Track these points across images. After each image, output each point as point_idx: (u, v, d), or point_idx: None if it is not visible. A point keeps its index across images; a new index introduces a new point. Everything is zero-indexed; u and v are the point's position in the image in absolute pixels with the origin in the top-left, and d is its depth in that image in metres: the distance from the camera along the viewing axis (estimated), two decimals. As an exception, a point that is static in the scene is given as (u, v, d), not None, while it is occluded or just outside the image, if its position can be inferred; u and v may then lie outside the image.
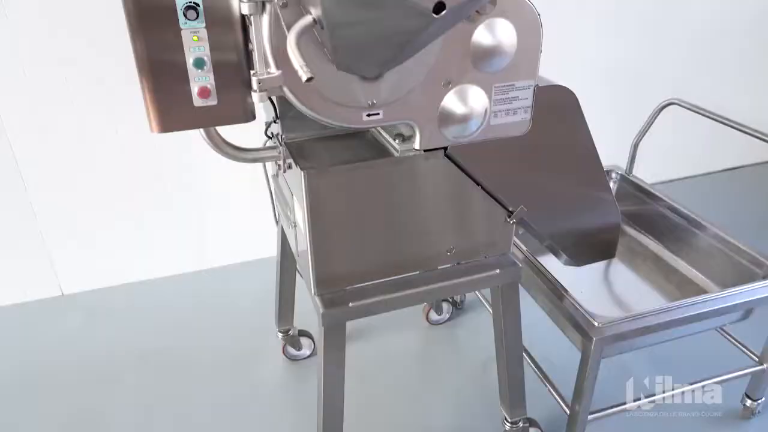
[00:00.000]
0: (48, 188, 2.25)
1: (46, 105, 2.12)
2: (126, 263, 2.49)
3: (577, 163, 1.42)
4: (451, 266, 1.38)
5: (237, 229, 2.58)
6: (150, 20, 1.02)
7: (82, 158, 2.24)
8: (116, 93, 2.18)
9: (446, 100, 1.16)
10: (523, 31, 1.13)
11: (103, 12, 2.04)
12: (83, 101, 2.16)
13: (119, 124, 2.23)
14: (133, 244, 2.46)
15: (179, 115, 1.12)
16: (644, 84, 2.95)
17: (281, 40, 0.99)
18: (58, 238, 2.35)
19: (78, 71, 2.11)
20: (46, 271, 2.39)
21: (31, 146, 2.17)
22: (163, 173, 2.37)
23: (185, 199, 2.44)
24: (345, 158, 1.21)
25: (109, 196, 2.34)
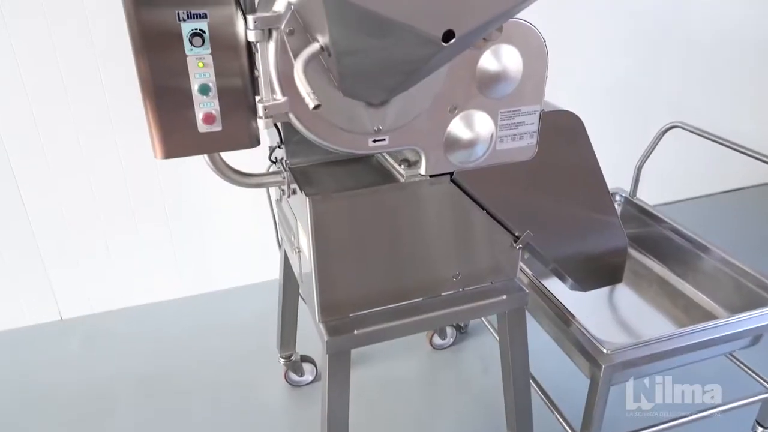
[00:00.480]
0: (48, 212, 2.24)
1: (48, 127, 2.12)
2: (126, 287, 2.47)
3: (584, 188, 1.41)
4: (456, 292, 1.36)
5: (238, 252, 2.57)
6: (155, 46, 1.02)
7: (82, 183, 2.24)
8: (119, 121, 2.18)
9: (452, 125, 1.15)
10: (529, 57, 1.13)
11: (108, 33, 2.05)
12: (85, 127, 2.16)
13: (121, 149, 2.23)
14: (133, 268, 2.44)
15: (183, 141, 1.11)
16: (645, 106, 2.96)
17: (287, 67, 0.99)
18: (57, 262, 2.33)
19: (81, 96, 2.11)
20: (45, 295, 2.37)
21: (32, 170, 2.16)
22: (163, 196, 2.36)
23: (185, 222, 2.43)
24: (350, 184, 1.20)
25: (109, 219, 2.33)
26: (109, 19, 2.01)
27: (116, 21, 1.81)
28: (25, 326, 2.40)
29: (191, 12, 1.03)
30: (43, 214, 2.24)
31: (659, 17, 2.77)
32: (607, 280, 1.61)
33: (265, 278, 2.62)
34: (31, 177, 2.17)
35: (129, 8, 0.98)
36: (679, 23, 2.82)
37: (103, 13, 2.01)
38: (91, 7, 2.00)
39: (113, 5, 1.24)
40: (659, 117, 2.85)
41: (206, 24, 1.04)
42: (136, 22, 0.99)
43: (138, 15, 0.99)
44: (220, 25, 1.04)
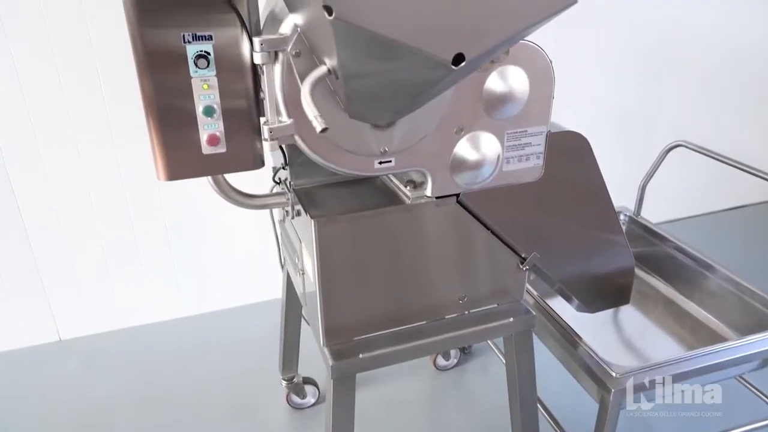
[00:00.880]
0: (48, 231, 2.22)
1: (48, 145, 2.11)
2: (125, 307, 2.45)
3: (590, 208, 1.40)
4: (463, 315, 1.34)
5: (239, 271, 2.55)
6: (160, 67, 1.02)
7: (83, 202, 2.22)
8: (121, 140, 2.17)
9: (459, 147, 1.14)
10: (535, 78, 1.13)
11: (111, 46, 2.05)
12: (86, 146, 2.15)
13: (122, 166, 2.22)
14: (133, 288, 2.42)
15: (187, 163, 1.10)
16: (647, 125, 2.96)
17: (293, 89, 0.98)
18: (56, 282, 2.31)
19: (82, 113, 2.11)
20: (44, 315, 2.34)
21: (32, 189, 2.15)
22: (164, 215, 2.34)
23: (186, 240, 2.41)
24: (355, 206, 1.19)
25: (109, 238, 2.31)
26: (113, 32, 2.01)
27: (120, 36, 1.81)
28: (24, 347, 2.37)
29: (196, 34, 1.02)
30: (43, 233, 2.22)
31: (661, 38, 2.79)
32: (614, 302, 1.59)
33: (266, 298, 2.59)
34: (30, 196, 2.16)
35: (134, 29, 0.98)
36: (681, 43, 2.84)
37: (107, 26, 2.01)
38: (95, 20, 2.00)
39: (118, 20, 1.24)
40: (661, 135, 2.86)
41: (211, 46, 1.03)
42: (141, 43, 0.99)
43: (143, 36, 0.98)
44: (225, 47, 1.03)
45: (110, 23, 1.99)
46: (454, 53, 0.73)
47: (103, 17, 1.99)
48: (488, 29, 0.74)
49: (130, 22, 0.98)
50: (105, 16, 1.99)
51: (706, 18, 2.81)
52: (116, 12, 1.78)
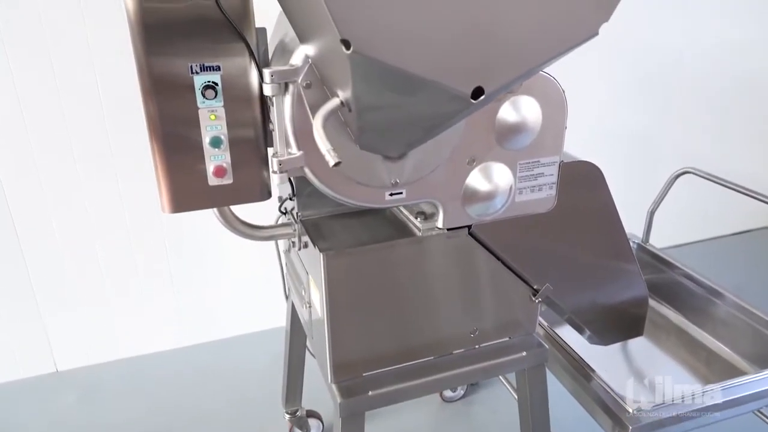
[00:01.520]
0: (46, 257, 2.18)
1: (48, 170, 2.09)
2: (125, 337, 2.39)
3: (603, 238, 1.37)
4: (474, 349, 1.30)
5: (241, 299, 2.50)
6: (166, 97, 1.00)
7: (82, 229, 2.19)
8: (122, 166, 2.15)
9: (471, 178, 1.12)
10: (548, 108, 1.11)
11: (116, 78, 2.04)
12: (87, 173, 2.13)
13: (123, 191, 2.19)
14: (133, 317, 2.37)
15: (193, 196, 1.08)
16: (652, 151, 2.96)
17: (304, 121, 0.96)
18: (54, 311, 2.26)
19: (82, 137, 2.09)
20: (40, 345, 2.29)
21: (30, 215, 2.12)
22: (165, 242, 2.31)
23: (187, 268, 2.38)
24: (365, 238, 1.16)
25: (108, 266, 2.27)
26: (117, 57, 2.00)
27: (125, 61, 1.80)
28: (19, 379, 2.31)
29: (204, 64, 1.01)
30: (40, 260, 2.18)
31: (665, 63, 2.79)
32: (628, 334, 1.55)
33: (268, 326, 2.55)
34: (28, 221, 2.12)
35: (140, 57, 0.96)
36: (685, 68, 2.84)
37: (111, 50, 2.00)
38: (99, 43, 1.99)
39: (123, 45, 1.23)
40: (666, 161, 2.85)
41: (219, 76, 1.02)
42: (147, 72, 0.97)
43: (149, 65, 0.96)
44: (233, 77, 1.02)
45: (115, 48, 1.98)
46: (474, 87, 0.71)
47: (107, 41, 1.98)
48: (508, 63, 0.72)
49: (137, 50, 0.96)
50: (109, 39, 1.98)
51: (710, 43, 2.82)
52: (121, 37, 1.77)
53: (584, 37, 0.74)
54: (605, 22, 0.74)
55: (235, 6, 0.97)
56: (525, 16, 0.70)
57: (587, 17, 0.73)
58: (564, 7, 0.71)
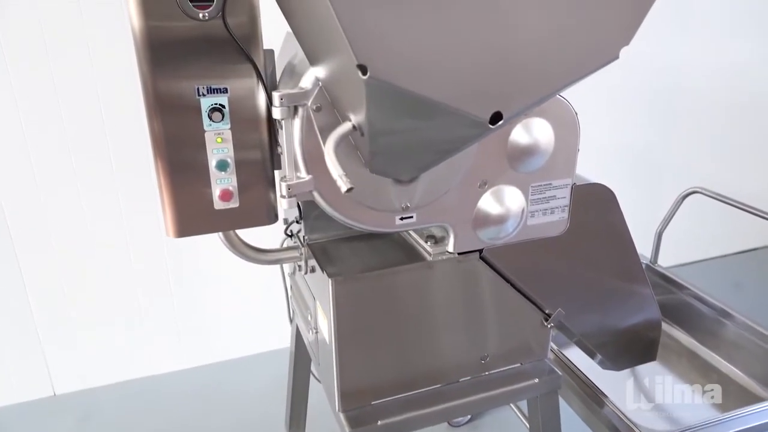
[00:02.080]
0: (45, 280, 2.15)
1: (49, 195, 2.06)
2: (124, 359, 2.35)
3: (616, 261, 1.34)
4: (485, 376, 1.27)
5: (243, 319, 2.46)
6: (172, 120, 0.98)
7: (82, 250, 2.16)
8: (125, 190, 2.13)
9: (482, 201, 1.10)
10: (560, 130, 1.09)
11: (119, 103, 2.02)
12: (89, 197, 2.10)
13: (124, 211, 2.16)
14: (133, 338, 2.33)
15: (199, 220, 1.06)
16: (657, 171, 2.94)
17: (313, 144, 0.94)
18: (53, 334, 2.22)
19: (86, 162, 2.07)
20: (39, 369, 2.25)
21: (30, 237, 2.09)
22: (165, 261, 2.27)
23: (188, 288, 2.34)
24: (374, 263, 1.13)
25: (107, 287, 2.24)
26: (121, 82, 1.98)
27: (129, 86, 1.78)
28: (16, 403, 2.26)
29: (211, 87, 0.99)
30: (39, 281, 2.15)
31: (672, 81, 2.79)
32: (640, 358, 1.52)
33: (270, 348, 2.50)
34: (28, 243, 2.09)
35: (146, 79, 0.94)
36: (691, 88, 2.84)
37: (116, 74, 1.98)
38: (103, 66, 1.98)
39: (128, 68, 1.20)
40: (672, 181, 2.83)
41: (226, 99, 1.00)
42: (153, 95, 0.95)
43: (155, 87, 0.95)
44: (240, 99, 1.00)
45: (118, 66, 1.96)
46: (492, 112, 0.69)
47: (111, 59, 1.97)
48: (528, 87, 0.70)
49: (142, 70, 0.94)
50: (113, 62, 1.97)
51: (716, 63, 2.82)
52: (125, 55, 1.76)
53: (605, 61, 0.72)
54: (626, 46, 0.72)
55: (243, 26, 0.96)
56: (545, 41, 0.68)
57: (608, 41, 0.71)
58: (584, 31, 0.69)
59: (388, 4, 0.59)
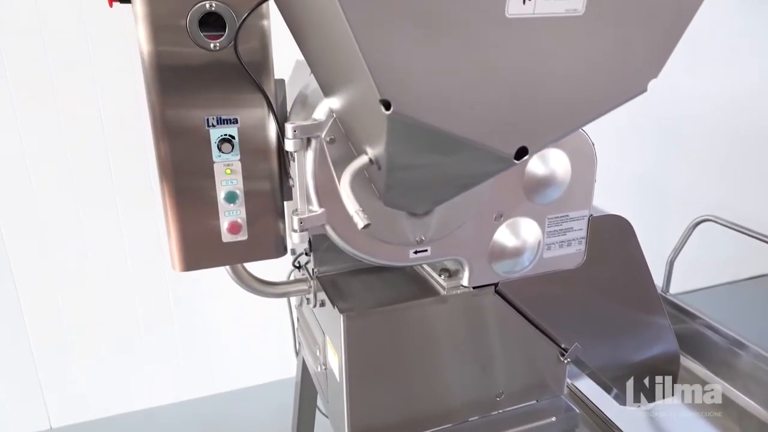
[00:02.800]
0: (44, 309, 2.11)
1: (51, 227, 2.03)
2: (123, 390, 2.29)
3: (633, 293, 1.31)
4: (500, 413, 1.22)
5: (246, 350, 2.41)
6: (181, 151, 0.96)
7: (81, 282, 2.12)
8: (129, 224, 2.10)
9: (498, 233, 1.07)
10: (577, 161, 1.07)
11: (124, 131, 2.00)
12: (91, 227, 2.07)
13: (127, 247, 2.13)
14: (131, 369, 2.28)
15: (206, 253, 1.03)
16: (664, 198, 2.92)
17: (326, 177, 0.91)
18: (50, 365, 2.17)
19: (89, 191, 2.04)
20: (35, 401, 2.19)
21: (30, 266, 2.06)
22: (166, 290, 2.23)
23: (188, 317, 2.30)
24: (386, 298, 1.10)
25: (107, 317, 2.19)
26: (126, 110, 1.96)
27: (134, 113, 1.77)
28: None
29: (221, 117, 0.96)
30: (38, 310, 2.11)
31: (675, 109, 2.79)
32: (658, 393, 1.47)
33: (276, 378, 2.45)
34: (28, 273, 2.05)
35: (155, 109, 0.92)
36: (698, 116, 2.84)
37: (121, 102, 1.97)
38: (107, 94, 1.96)
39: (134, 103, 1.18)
40: (677, 208, 2.81)
41: (236, 129, 0.97)
42: (161, 123, 0.93)
43: (164, 117, 0.92)
44: (250, 129, 0.98)
45: (124, 98, 1.95)
46: (518, 147, 0.66)
47: (117, 92, 1.96)
48: (554, 122, 0.67)
49: (151, 98, 0.92)
50: (119, 90, 1.95)
51: (723, 91, 2.82)
52: (131, 87, 1.75)
53: (633, 94, 0.70)
54: (654, 78, 0.70)
55: (254, 55, 0.93)
56: (573, 74, 0.65)
57: (636, 74, 0.69)
58: (613, 64, 0.67)
59: (412, 38, 0.57)
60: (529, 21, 0.60)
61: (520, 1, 0.59)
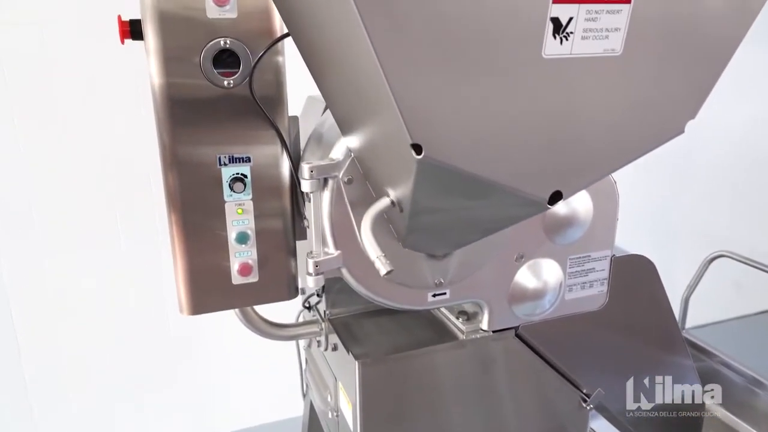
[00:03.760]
0: (42, 355, 2.05)
1: (52, 267, 1.99)
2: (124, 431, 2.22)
3: (656, 335, 1.27)
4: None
5: (250, 388, 2.34)
6: (191, 190, 0.92)
7: (82, 319, 2.06)
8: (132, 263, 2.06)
9: (519, 275, 1.03)
10: (599, 200, 1.04)
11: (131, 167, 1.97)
12: (93, 266, 2.03)
13: (130, 291, 2.08)
14: (132, 409, 2.21)
15: (215, 296, 0.99)
16: (674, 234, 2.90)
17: (343, 218, 0.88)
18: (47, 407, 2.10)
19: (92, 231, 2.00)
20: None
21: (30, 312, 2.00)
22: (168, 330, 2.17)
23: (189, 356, 2.23)
24: (402, 342, 1.05)
25: (105, 361, 2.13)
26: (132, 148, 1.93)
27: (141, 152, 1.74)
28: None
29: (233, 156, 0.93)
30: (37, 355, 2.04)
31: (682, 143, 2.77)
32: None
33: (280, 417, 2.37)
34: (27, 315, 2.00)
35: (165, 146, 0.89)
36: (702, 148, 2.83)
37: (127, 139, 1.94)
38: (114, 143, 1.93)
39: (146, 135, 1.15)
40: (687, 242, 2.78)
41: (249, 168, 0.94)
42: (172, 162, 0.90)
43: (174, 154, 0.89)
44: (263, 168, 0.95)
45: (131, 137, 1.92)
46: (552, 191, 0.63)
47: (124, 128, 1.93)
48: (590, 166, 0.64)
49: (162, 137, 0.89)
50: (125, 126, 1.93)
51: (732, 123, 2.81)
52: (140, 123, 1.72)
53: (670, 135, 0.67)
54: (692, 119, 0.67)
55: (268, 92, 0.91)
56: (610, 116, 0.63)
57: (674, 115, 0.66)
58: (651, 105, 0.64)
59: (446, 79, 0.54)
60: (566, 61, 0.57)
61: (557, 41, 0.56)
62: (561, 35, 0.56)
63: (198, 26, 0.86)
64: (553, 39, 0.56)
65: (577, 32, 0.57)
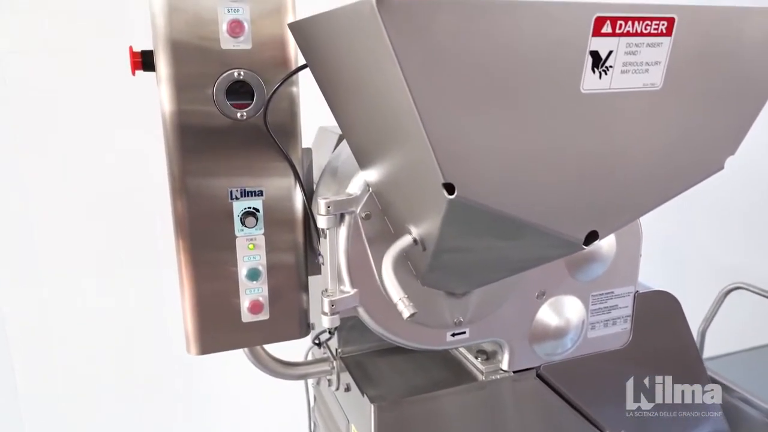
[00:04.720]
0: (40, 385, 1.99)
1: (52, 293, 1.95)
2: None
3: (681, 372, 1.22)
4: None
5: (253, 428, 2.27)
6: (201, 225, 0.89)
7: (81, 347, 2.01)
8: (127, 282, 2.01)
9: (541, 313, 0.99)
10: (622, 235, 1.00)
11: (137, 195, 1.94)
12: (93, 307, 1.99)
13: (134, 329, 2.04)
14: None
15: (224, 335, 0.95)
16: (684, 262, 2.86)
17: (360, 255, 0.84)
18: None
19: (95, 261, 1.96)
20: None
21: (29, 341, 1.96)
22: (171, 363, 2.12)
23: (190, 393, 2.17)
24: (419, 383, 1.01)
25: (104, 393, 2.07)
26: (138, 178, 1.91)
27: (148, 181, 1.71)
28: None
29: (245, 189, 0.90)
30: (34, 383, 1.99)
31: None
32: (709, 482, 1.35)
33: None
34: (26, 349, 1.95)
35: (175, 177, 0.86)
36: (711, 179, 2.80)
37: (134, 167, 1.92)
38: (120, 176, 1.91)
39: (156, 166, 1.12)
40: (699, 273, 2.73)
41: (261, 202, 0.91)
42: (182, 192, 0.87)
43: (184, 185, 0.86)
44: (275, 201, 0.92)
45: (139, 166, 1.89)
46: (588, 231, 0.59)
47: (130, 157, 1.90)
48: (628, 206, 0.61)
49: (172, 170, 0.86)
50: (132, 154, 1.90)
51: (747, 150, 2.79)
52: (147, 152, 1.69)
53: (709, 172, 0.64)
54: (731, 155, 0.64)
55: (282, 120, 0.88)
56: (648, 153, 0.60)
57: (713, 151, 0.63)
58: (690, 142, 0.61)
59: (481, 116, 0.51)
60: (605, 96, 0.54)
61: (596, 75, 0.53)
62: (600, 69, 0.53)
63: (212, 57, 0.84)
64: (591, 73, 0.53)
65: (617, 66, 0.54)
